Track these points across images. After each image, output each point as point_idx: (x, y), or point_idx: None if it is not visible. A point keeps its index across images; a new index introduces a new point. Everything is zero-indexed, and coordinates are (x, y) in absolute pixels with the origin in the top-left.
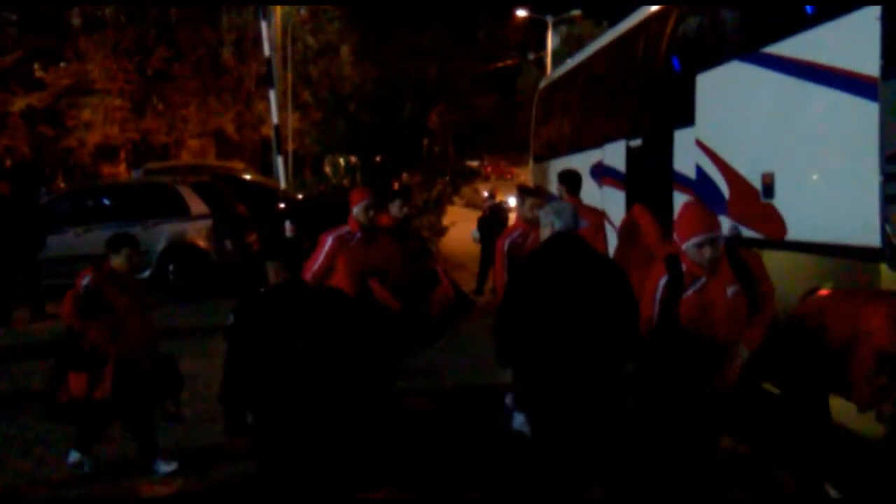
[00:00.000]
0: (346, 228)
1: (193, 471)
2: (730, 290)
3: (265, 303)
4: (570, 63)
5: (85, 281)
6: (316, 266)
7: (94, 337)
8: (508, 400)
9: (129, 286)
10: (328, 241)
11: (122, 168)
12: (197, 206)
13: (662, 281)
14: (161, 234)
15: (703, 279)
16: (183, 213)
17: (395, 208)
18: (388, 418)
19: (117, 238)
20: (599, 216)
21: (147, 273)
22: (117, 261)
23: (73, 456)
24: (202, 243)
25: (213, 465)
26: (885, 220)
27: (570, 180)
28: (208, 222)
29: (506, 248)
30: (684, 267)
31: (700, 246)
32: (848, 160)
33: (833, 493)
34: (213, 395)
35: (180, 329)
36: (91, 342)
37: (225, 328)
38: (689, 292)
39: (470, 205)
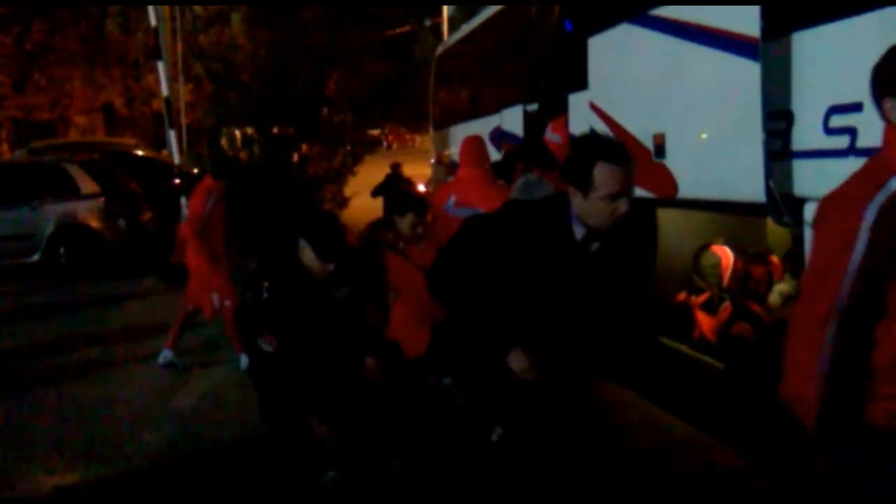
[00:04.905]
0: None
1: None
2: None
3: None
4: (466, 28)
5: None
6: None
7: None
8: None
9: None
10: None
11: (3, 148)
12: (87, 184)
13: None
14: (50, 216)
15: None
16: (72, 192)
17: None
18: None
19: (404, 200)
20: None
21: (36, 257)
22: (403, 223)
23: None
24: (94, 224)
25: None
26: (768, 175)
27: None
28: (100, 201)
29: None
30: None
31: None
32: (733, 119)
33: None
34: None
35: (78, 309)
36: None
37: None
38: None
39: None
